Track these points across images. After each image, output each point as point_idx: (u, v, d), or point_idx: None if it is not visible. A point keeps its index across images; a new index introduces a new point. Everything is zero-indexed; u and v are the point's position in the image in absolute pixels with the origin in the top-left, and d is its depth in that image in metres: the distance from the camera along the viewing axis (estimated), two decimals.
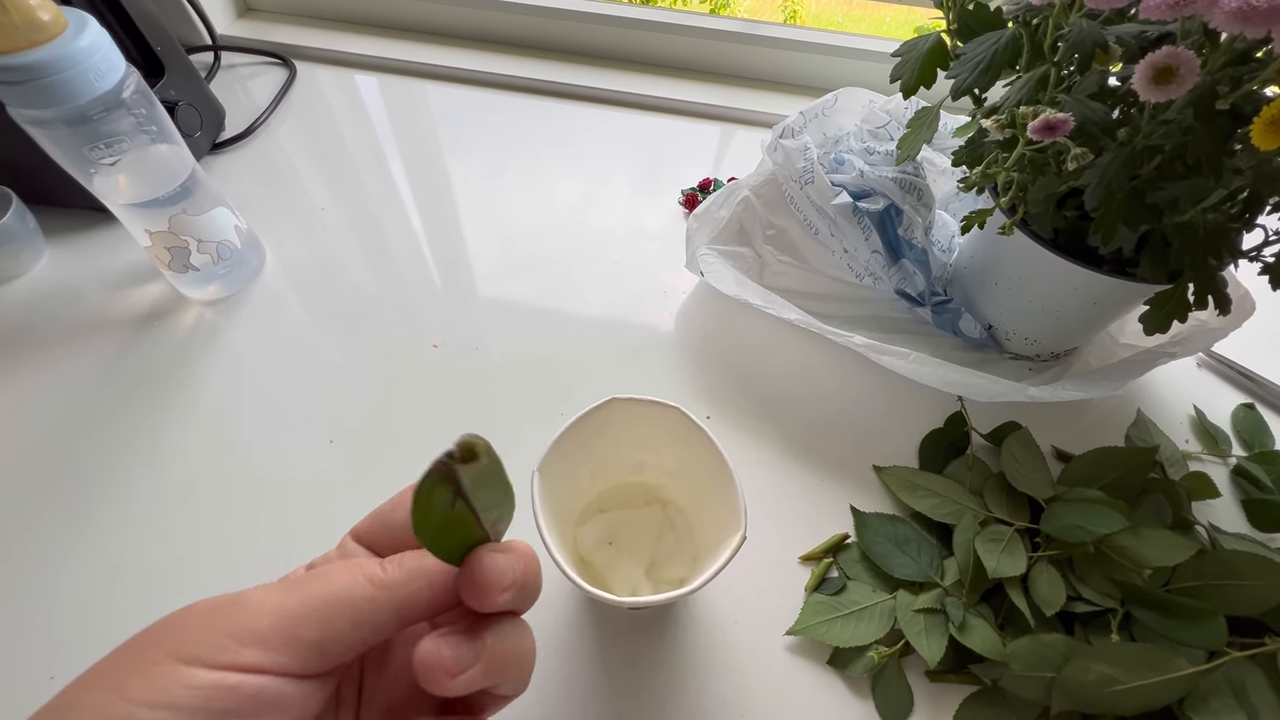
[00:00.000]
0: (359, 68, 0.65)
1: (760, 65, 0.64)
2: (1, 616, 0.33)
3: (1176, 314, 0.33)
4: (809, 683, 0.33)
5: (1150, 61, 0.24)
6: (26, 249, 0.46)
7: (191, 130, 0.50)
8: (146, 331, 0.44)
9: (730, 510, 0.28)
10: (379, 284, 0.48)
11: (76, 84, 0.32)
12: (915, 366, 0.38)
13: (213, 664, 0.14)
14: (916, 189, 0.42)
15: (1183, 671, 0.29)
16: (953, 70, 0.32)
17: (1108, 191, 0.28)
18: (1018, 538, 0.35)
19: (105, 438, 0.40)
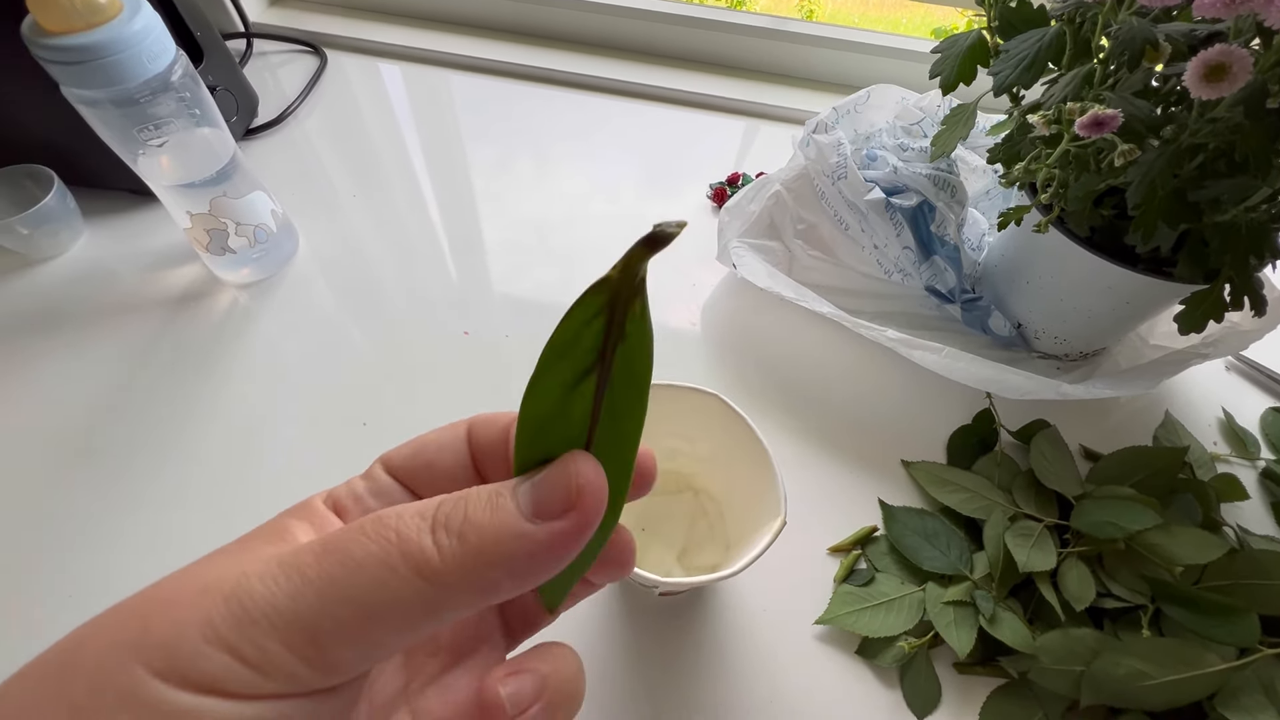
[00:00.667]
0: (384, 56, 0.65)
1: (785, 61, 0.64)
2: (34, 588, 0.34)
3: (1212, 314, 0.33)
4: (837, 671, 0.33)
5: (1203, 59, 0.24)
6: (66, 229, 0.47)
7: (227, 116, 0.51)
8: (181, 313, 0.45)
9: (766, 497, 0.29)
10: (409, 271, 0.49)
11: (130, 66, 0.33)
12: (947, 362, 0.38)
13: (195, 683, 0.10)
14: (950, 186, 0.42)
15: (1214, 667, 0.29)
16: (995, 67, 0.33)
17: (1150, 189, 0.29)
18: (1047, 533, 0.35)
19: (138, 415, 0.40)
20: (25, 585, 0.34)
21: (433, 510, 0.12)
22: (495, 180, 0.55)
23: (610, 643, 0.33)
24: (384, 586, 0.11)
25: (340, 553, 0.11)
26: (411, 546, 0.11)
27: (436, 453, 0.16)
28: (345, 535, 0.12)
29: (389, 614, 0.11)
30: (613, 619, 0.34)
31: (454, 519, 0.12)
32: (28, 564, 0.35)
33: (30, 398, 0.41)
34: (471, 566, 0.12)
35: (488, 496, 0.12)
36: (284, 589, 0.11)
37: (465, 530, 0.12)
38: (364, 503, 0.16)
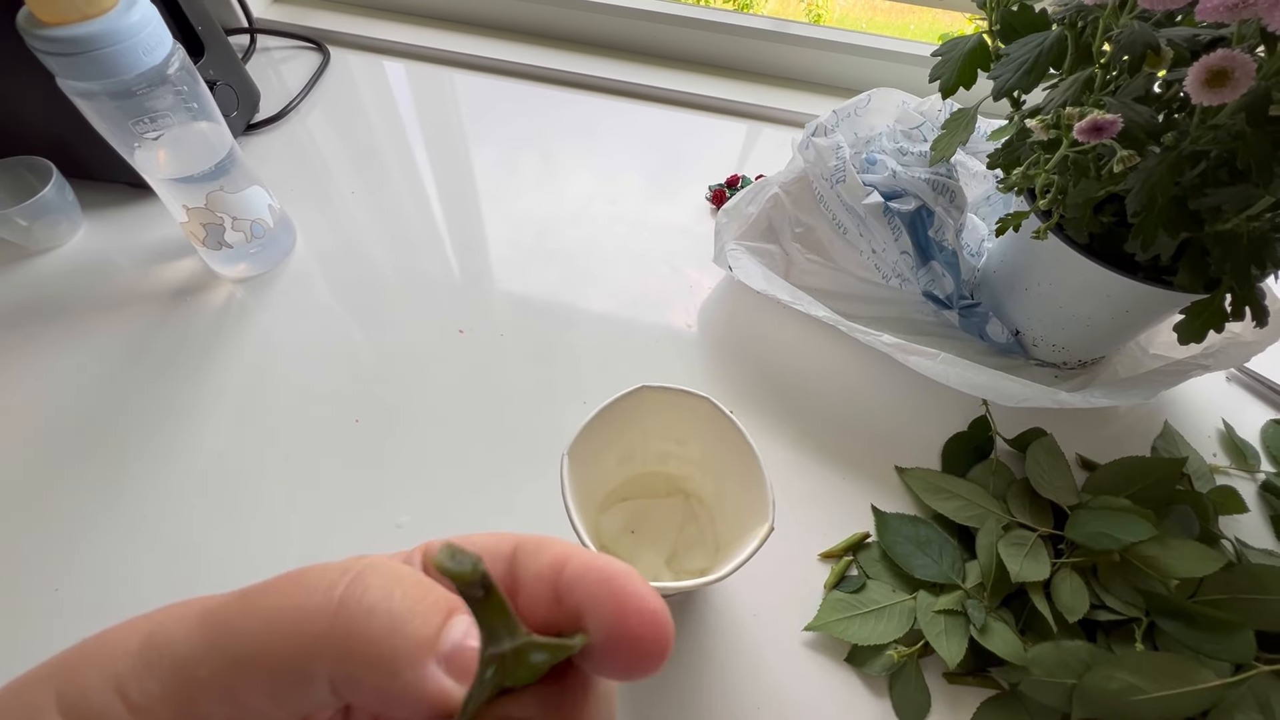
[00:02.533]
0: (388, 54, 0.65)
1: (788, 64, 0.64)
2: (31, 580, 0.34)
3: (1213, 324, 0.32)
4: (826, 679, 0.33)
5: (1205, 64, 0.23)
6: (64, 221, 0.47)
7: (227, 110, 0.51)
8: (178, 306, 0.45)
9: (756, 502, 0.28)
10: (405, 269, 0.48)
11: (125, 58, 0.33)
12: (943, 368, 0.38)
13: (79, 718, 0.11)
14: (949, 191, 0.42)
15: (1209, 684, 0.29)
16: (995, 71, 0.32)
17: (1150, 196, 0.28)
18: (1041, 543, 0.34)
19: (135, 408, 0.40)
20: (16, 576, 0.34)
21: (368, 569, 0.11)
22: (495, 179, 0.55)
23: None
24: (260, 638, 0.10)
25: (243, 600, 0.11)
26: (309, 600, 0.11)
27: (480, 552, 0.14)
28: (264, 583, 0.11)
29: (256, 669, 0.10)
30: None
31: (374, 593, 0.11)
32: (19, 555, 0.35)
33: (26, 388, 0.41)
34: (352, 649, 0.10)
35: (435, 605, 0.11)
36: (184, 634, 0.11)
37: (376, 612, 0.10)
38: None
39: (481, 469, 0.39)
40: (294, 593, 0.11)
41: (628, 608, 0.11)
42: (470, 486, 0.38)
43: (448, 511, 0.37)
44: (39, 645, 0.31)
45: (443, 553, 0.09)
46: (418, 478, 0.38)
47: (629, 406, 0.30)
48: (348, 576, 0.11)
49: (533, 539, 0.14)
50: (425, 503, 0.37)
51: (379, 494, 0.38)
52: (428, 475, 0.38)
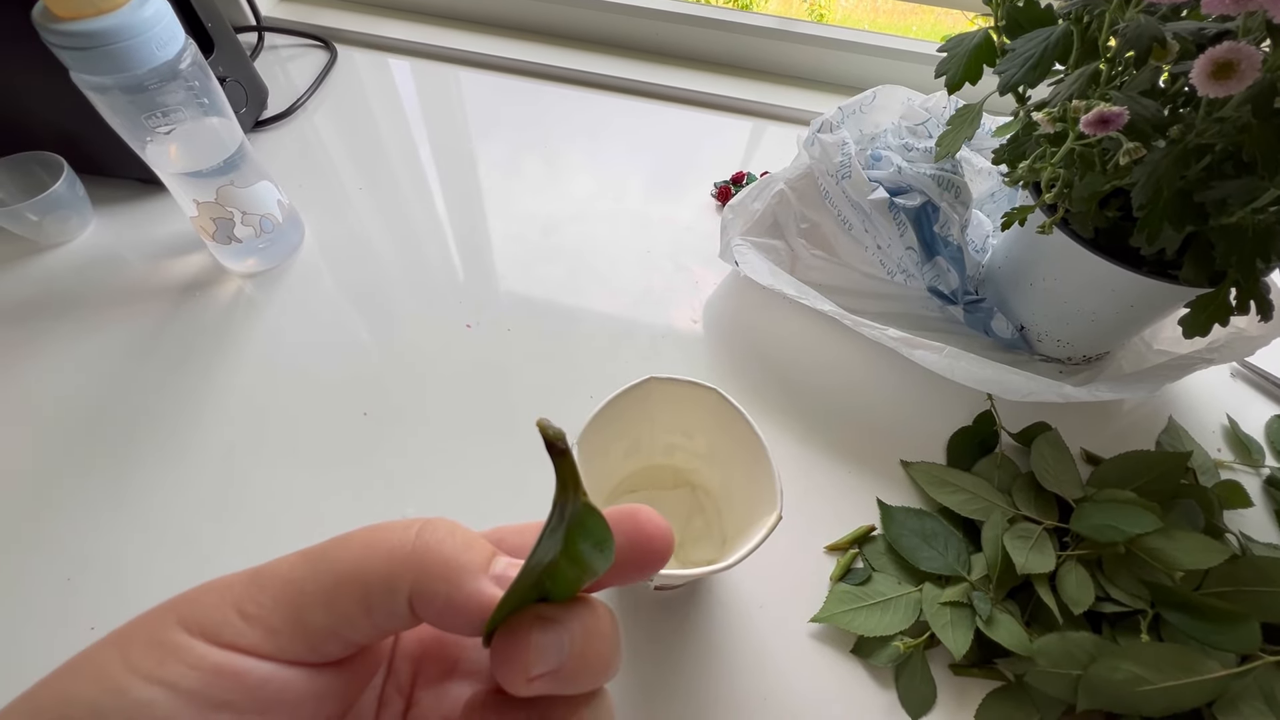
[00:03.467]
0: (394, 52, 0.65)
1: (792, 62, 0.64)
2: (44, 570, 0.34)
3: (1218, 318, 0.33)
4: (832, 670, 0.33)
5: (1211, 56, 0.24)
6: (75, 216, 0.47)
7: (236, 107, 0.51)
8: (187, 301, 0.45)
9: (763, 493, 0.28)
10: (412, 265, 0.49)
11: (139, 52, 0.33)
12: (948, 361, 0.38)
13: (218, 640, 0.13)
14: (954, 186, 0.42)
15: (1214, 674, 0.29)
16: (1001, 66, 0.32)
17: (1156, 189, 0.28)
18: (1046, 536, 0.35)
19: (145, 402, 0.41)
20: (28, 566, 0.34)
21: (432, 520, 0.14)
22: (500, 176, 0.55)
23: None
24: (358, 560, 0.13)
25: (338, 539, 0.14)
26: (394, 536, 0.14)
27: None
28: (346, 534, 0.14)
29: (354, 585, 0.13)
30: None
31: (440, 530, 0.14)
32: (32, 545, 0.35)
33: (36, 382, 0.41)
34: (427, 566, 0.13)
35: (481, 542, 0.14)
36: (291, 564, 0.14)
37: (443, 541, 0.14)
38: None
39: (489, 461, 0.39)
40: (380, 532, 0.14)
41: (643, 520, 0.15)
42: (478, 478, 0.38)
43: (455, 503, 0.37)
44: (52, 634, 0.32)
45: (541, 420, 0.12)
46: (425, 469, 0.38)
47: (637, 398, 0.30)
48: (419, 522, 0.14)
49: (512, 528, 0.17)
50: (433, 494, 0.38)
51: (387, 485, 0.38)
52: (435, 467, 0.39)
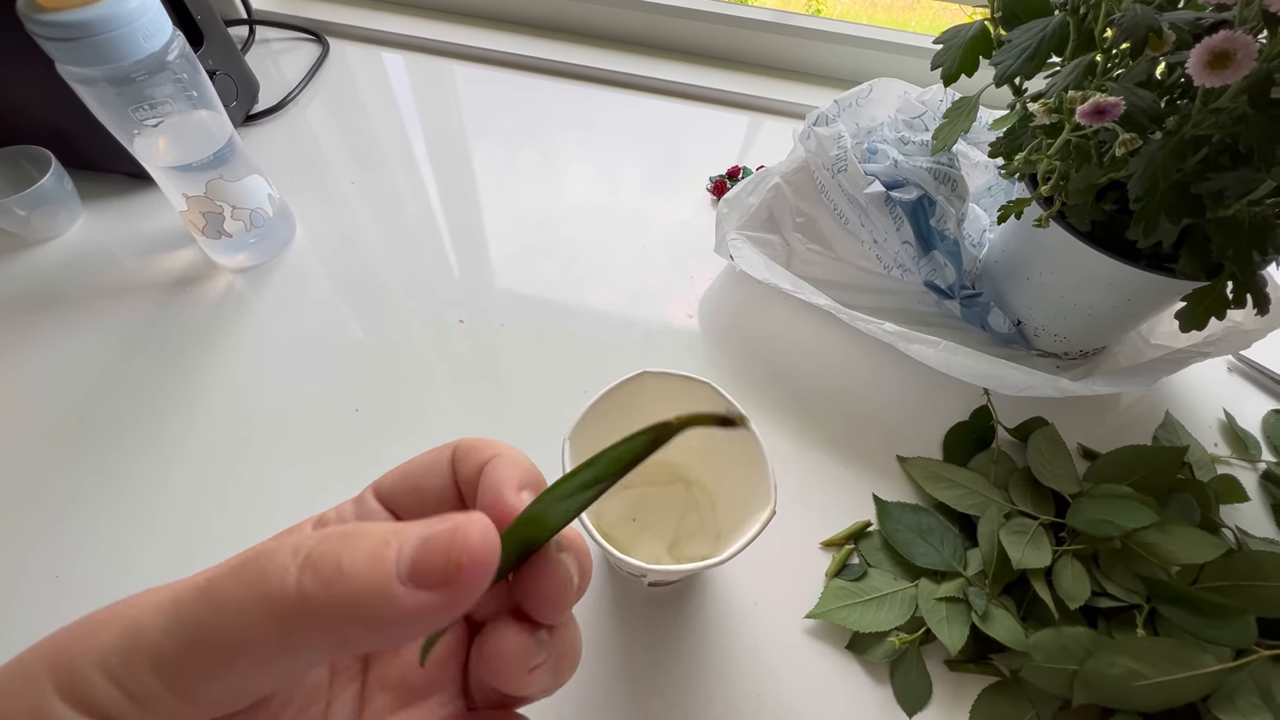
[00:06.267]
0: (387, 45, 0.65)
1: (789, 55, 0.64)
2: (31, 567, 0.34)
3: (1215, 311, 0.32)
4: (827, 666, 0.33)
5: (1207, 45, 0.23)
6: (63, 211, 0.47)
7: (227, 101, 0.51)
8: (177, 296, 0.45)
9: (757, 488, 0.28)
10: (405, 260, 0.48)
11: (125, 43, 0.33)
12: (945, 356, 0.38)
13: (88, 708, 0.11)
14: (951, 180, 0.42)
15: (1210, 669, 0.29)
16: (997, 57, 0.32)
17: (1153, 181, 0.28)
18: (1042, 531, 0.34)
19: (134, 398, 0.40)
20: (14, 564, 0.34)
21: (311, 545, 0.12)
22: (494, 170, 0.55)
23: (599, 634, 0.33)
24: (240, 629, 0.11)
25: (209, 595, 0.12)
26: (272, 587, 0.11)
27: (423, 478, 0.16)
28: (221, 574, 0.12)
29: (244, 654, 0.11)
30: (601, 610, 0.34)
31: (326, 562, 0.11)
32: (17, 543, 0.35)
33: (24, 378, 0.41)
34: (329, 616, 0.11)
35: (374, 545, 0.12)
36: (163, 626, 0.11)
37: (333, 579, 0.11)
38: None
39: None
40: (256, 582, 0.11)
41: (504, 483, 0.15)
42: None
43: None
44: (39, 631, 0.31)
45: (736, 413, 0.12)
46: None
47: (630, 392, 0.30)
48: (298, 558, 0.11)
49: (466, 442, 0.16)
50: None
51: None
52: None
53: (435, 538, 0.12)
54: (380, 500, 0.17)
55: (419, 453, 0.17)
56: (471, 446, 0.16)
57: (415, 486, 0.16)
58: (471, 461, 0.16)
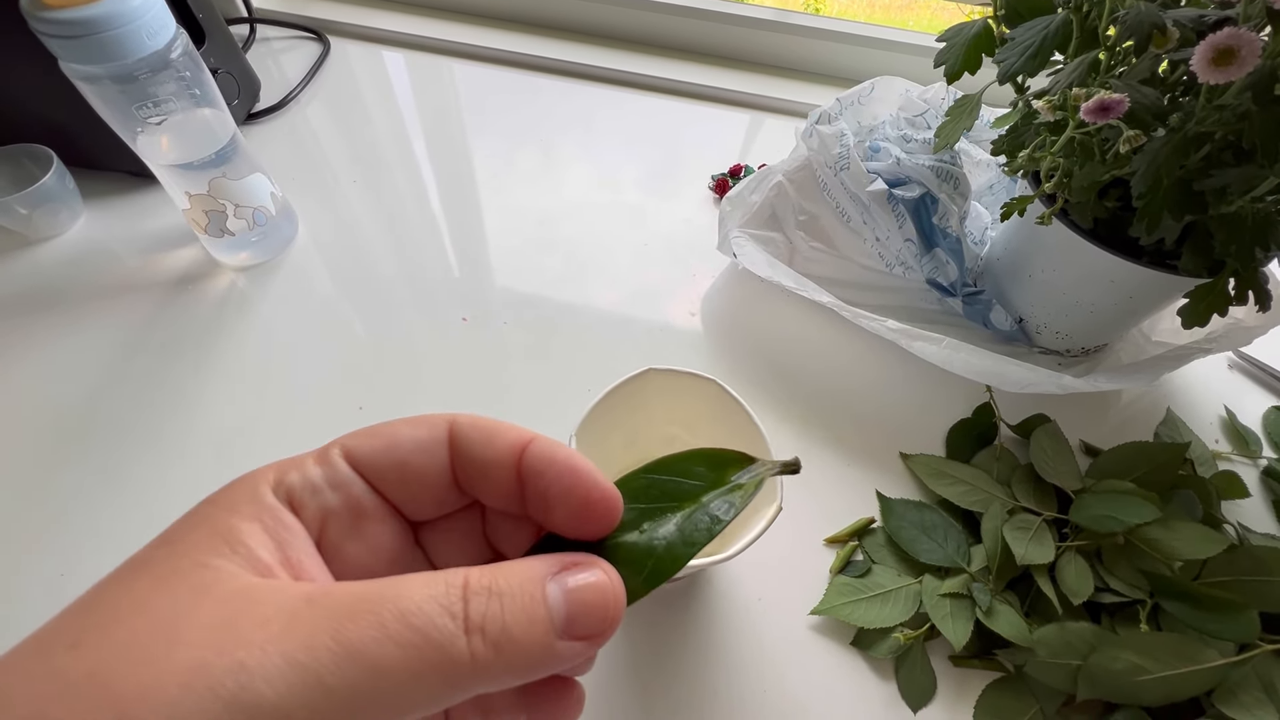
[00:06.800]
0: (387, 44, 0.65)
1: (790, 54, 0.64)
2: (36, 567, 0.34)
3: (1217, 307, 0.32)
4: (832, 662, 0.33)
5: (1211, 42, 0.23)
6: (65, 209, 0.47)
7: (228, 99, 0.51)
8: (179, 295, 0.45)
9: (763, 485, 0.28)
10: (407, 258, 0.48)
11: (128, 41, 0.33)
12: (948, 353, 0.38)
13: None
14: (953, 177, 0.42)
15: (1213, 663, 0.29)
16: (1000, 55, 0.32)
17: (1156, 178, 0.28)
18: (1046, 527, 0.35)
19: (136, 397, 0.40)
20: (18, 564, 0.34)
21: (461, 606, 0.11)
22: (496, 169, 0.55)
23: None
24: (409, 695, 0.11)
25: (363, 658, 0.11)
26: (442, 656, 0.11)
27: (412, 453, 0.15)
28: (362, 628, 0.11)
29: (405, 708, 0.11)
30: None
31: (491, 625, 0.11)
32: (20, 542, 0.35)
33: (26, 377, 0.41)
34: (498, 674, 0.11)
35: (524, 601, 0.12)
36: (300, 698, 0.10)
37: (503, 643, 0.11)
38: (322, 497, 0.14)
39: None
40: (424, 647, 0.11)
41: (590, 487, 0.14)
42: None
43: None
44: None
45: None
46: None
47: (635, 389, 0.30)
48: (457, 621, 0.11)
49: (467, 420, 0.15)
50: None
51: None
52: None
53: (582, 592, 0.12)
54: (355, 466, 0.15)
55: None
56: (482, 428, 0.15)
57: (401, 462, 0.15)
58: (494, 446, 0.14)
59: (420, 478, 0.15)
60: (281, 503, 0.14)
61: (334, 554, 0.14)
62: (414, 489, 0.15)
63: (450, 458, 0.15)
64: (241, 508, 0.13)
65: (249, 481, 0.14)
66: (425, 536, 0.16)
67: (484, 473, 0.15)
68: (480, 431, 0.15)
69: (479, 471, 0.15)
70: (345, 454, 0.15)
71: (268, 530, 0.13)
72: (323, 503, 0.14)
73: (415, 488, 0.15)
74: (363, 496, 0.15)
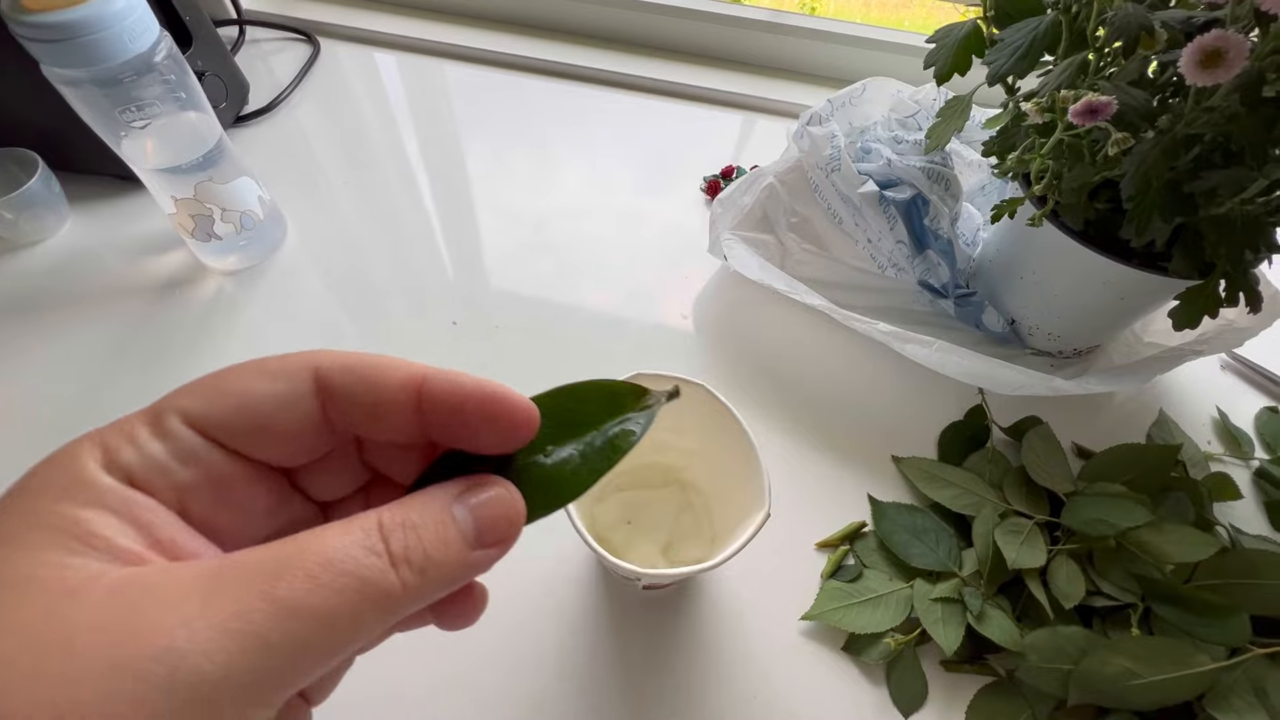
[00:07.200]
0: (378, 45, 0.65)
1: (783, 55, 0.64)
2: None
3: (1208, 309, 0.32)
4: (823, 668, 0.33)
5: (1199, 44, 0.23)
6: (50, 214, 0.46)
7: (216, 102, 0.50)
8: (166, 299, 0.45)
9: (753, 490, 0.28)
10: (397, 262, 0.48)
11: (111, 45, 0.32)
12: (939, 356, 0.38)
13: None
14: (944, 179, 0.42)
15: (1204, 667, 0.29)
16: (989, 56, 0.32)
17: (1145, 180, 0.28)
18: (1037, 530, 0.34)
19: (122, 402, 0.39)
20: None
21: (383, 545, 0.12)
22: (488, 171, 0.54)
23: (594, 637, 0.33)
24: (355, 633, 0.11)
25: (303, 610, 0.11)
26: (377, 591, 0.12)
27: (274, 412, 0.14)
28: (294, 585, 0.11)
29: (351, 646, 0.12)
30: (597, 614, 0.34)
31: (414, 554, 0.12)
32: None
33: (10, 383, 0.40)
34: (427, 594, 0.13)
35: (437, 528, 0.13)
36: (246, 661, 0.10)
37: (426, 566, 0.12)
38: (173, 475, 0.13)
39: None
40: (361, 589, 0.12)
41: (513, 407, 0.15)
42: None
43: None
44: None
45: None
46: None
47: None
48: (381, 558, 0.12)
49: (334, 364, 0.14)
50: None
51: None
52: None
53: (485, 507, 0.14)
54: (201, 432, 0.13)
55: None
56: (358, 372, 0.14)
57: (262, 425, 0.14)
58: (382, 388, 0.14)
59: (288, 434, 0.14)
60: (124, 486, 0.12)
61: (206, 527, 0.13)
62: (281, 446, 0.14)
63: (321, 407, 0.14)
64: (73, 494, 0.12)
65: (63, 464, 0.12)
66: (298, 475, 0.16)
67: (373, 414, 0.14)
68: (357, 376, 0.14)
69: (366, 414, 0.14)
70: (186, 419, 0.13)
71: (120, 515, 0.12)
72: (175, 481, 0.13)
73: (282, 445, 0.14)
74: (221, 465, 0.13)
